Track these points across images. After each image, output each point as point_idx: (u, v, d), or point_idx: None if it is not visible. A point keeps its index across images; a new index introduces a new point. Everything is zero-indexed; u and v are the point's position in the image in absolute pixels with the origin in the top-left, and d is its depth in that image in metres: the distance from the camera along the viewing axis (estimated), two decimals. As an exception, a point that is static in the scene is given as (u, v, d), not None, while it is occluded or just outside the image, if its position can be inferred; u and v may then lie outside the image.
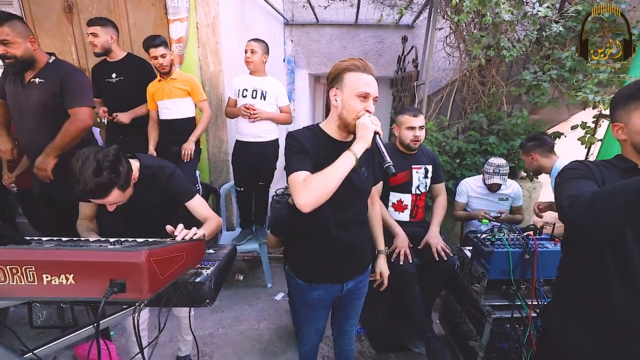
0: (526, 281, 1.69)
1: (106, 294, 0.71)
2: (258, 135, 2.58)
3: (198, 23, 2.79)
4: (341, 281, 1.38)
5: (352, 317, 1.58)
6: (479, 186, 2.58)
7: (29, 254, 0.74)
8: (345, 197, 1.23)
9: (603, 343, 0.98)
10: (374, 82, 1.18)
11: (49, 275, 0.73)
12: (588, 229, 0.84)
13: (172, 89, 2.44)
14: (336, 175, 1.10)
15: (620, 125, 0.96)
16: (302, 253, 1.39)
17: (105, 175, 1.15)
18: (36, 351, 0.85)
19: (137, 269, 0.73)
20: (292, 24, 4.79)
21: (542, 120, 3.20)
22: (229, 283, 2.92)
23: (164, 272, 0.81)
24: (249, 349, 2.20)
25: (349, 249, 1.33)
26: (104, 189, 1.17)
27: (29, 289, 0.74)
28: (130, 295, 0.74)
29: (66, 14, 2.87)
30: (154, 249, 0.77)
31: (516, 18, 2.77)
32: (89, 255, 0.74)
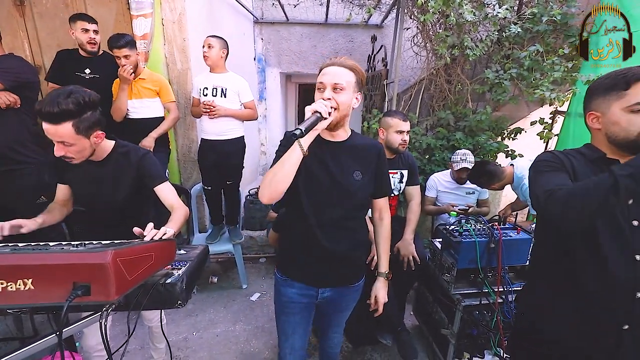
0: (492, 269, 1.78)
1: (69, 297, 0.68)
2: (221, 133, 2.55)
3: (163, 19, 2.70)
4: (316, 285, 1.32)
5: (335, 326, 1.52)
6: (447, 181, 2.70)
7: (-21, 259, 0.69)
8: (327, 196, 1.21)
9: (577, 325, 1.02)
10: (331, 71, 1.15)
11: (4, 281, 0.69)
12: (564, 224, 0.89)
13: (140, 88, 2.38)
14: (282, 167, 1.11)
15: (597, 115, 0.97)
16: (283, 244, 1.40)
17: (68, 103, 1.12)
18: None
19: (103, 270, 0.70)
20: (261, 22, 4.75)
21: (504, 117, 3.36)
22: (203, 286, 2.85)
23: (132, 273, 0.78)
24: (225, 351, 2.16)
25: (328, 254, 1.25)
26: (60, 113, 1.12)
27: (-18, 297, 0.69)
28: (96, 297, 0.71)
29: (17, 7, 2.68)
30: (121, 249, 0.74)
31: (478, 19, 2.90)
32: (48, 258, 0.70)
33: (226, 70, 2.57)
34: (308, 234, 1.25)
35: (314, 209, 1.22)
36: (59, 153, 1.20)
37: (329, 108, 1.09)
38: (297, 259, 1.32)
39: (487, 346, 1.90)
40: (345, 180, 1.22)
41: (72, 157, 1.24)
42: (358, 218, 1.32)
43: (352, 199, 1.24)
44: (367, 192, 1.29)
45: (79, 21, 2.26)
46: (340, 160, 1.23)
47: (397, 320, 1.99)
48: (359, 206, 1.30)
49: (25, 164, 1.87)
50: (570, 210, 0.86)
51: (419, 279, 2.23)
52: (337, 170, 1.22)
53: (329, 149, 1.23)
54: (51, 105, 1.10)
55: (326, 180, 1.21)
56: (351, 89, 1.16)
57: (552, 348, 1.09)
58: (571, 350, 1.06)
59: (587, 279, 0.98)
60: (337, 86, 1.13)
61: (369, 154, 1.28)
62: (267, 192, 1.14)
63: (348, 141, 1.26)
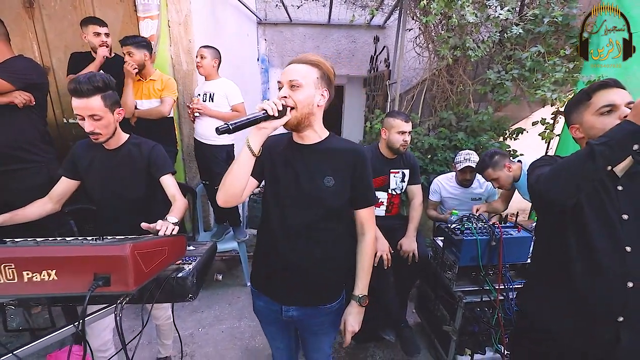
0: (493, 267, 1.81)
1: (91, 287, 0.72)
2: (205, 137, 2.65)
3: (169, 21, 2.74)
4: (279, 302, 1.21)
5: (314, 351, 1.34)
6: (451, 185, 2.58)
7: (7, 251, 0.73)
8: (292, 201, 1.13)
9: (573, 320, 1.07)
10: (289, 68, 1.08)
11: (30, 272, 0.73)
12: (552, 195, 0.98)
13: (149, 89, 2.44)
14: (231, 169, 1.06)
15: (577, 126, 1.12)
16: (255, 252, 1.31)
17: (98, 80, 1.31)
18: (16, 352, 0.84)
19: (122, 261, 0.74)
20: (265, 23, 4.80)
21: (506, 117, 3.39)
22: (208, 283, 2.89)
23: (148, 265, 0.82)
24: (231, 347, 2.21)
25: (292, 267, 1.15)
26: (91, 88, 1.30)
27: (9, 287, 0.73)
28: (116, 288, 0.75)
29: (26, 9, 2.73)
30: (138, 243, 0.78)
31: (480, 20, 2.93)
32: (71, 251, 0.74)
33: (218, 76, 2.66)
34: (271, 244, 1.18)
35: (278, 215, 1.14)
36: (89, 129, 1.34)
37: (278, 106, 1.00)
38: (261, 269, 1.25)
39: (488, 343, 1.94)
40: (313, 186, 1.12)
41: (100, 133, 1.37)
42: (330, 230, 1.16)
43: (320, 207, 1.12)
44: (340, 199, 1.15)
45: (91, 25, 2.32)
46: (309, 164, 1.13)
47: (399, 316, 2.02)
48: (331, 215, 1.15)
49: (35, 162, 1.92)
50: (555, 183, 0.97)
51: (420, 276, 2.27)
52: (305, 175, 1.13)
53: (299, 152, 1.15)
54: (84, 83, 1.28)
55: (292, 184, 1.13)
56: (312, 86, 1.06)
57: (550, 346, 1.13)
58: (568, 348, 1.09)
59: (579, 272, 1.02)
60: (293, 83, 1.05)
61: (345, 159, 1.14)
62: (221, 194, 1.10)
63: (322, 144, 1.16)
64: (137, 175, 1.50)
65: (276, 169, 1.16)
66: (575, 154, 0.96)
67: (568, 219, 1.06)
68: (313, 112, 1.10)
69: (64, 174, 1.50)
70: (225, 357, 2.13)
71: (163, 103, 2.46)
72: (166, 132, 2.55)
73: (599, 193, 1.02)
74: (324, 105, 1.14)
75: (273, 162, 1.16)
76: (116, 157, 1.48)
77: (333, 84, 1.14)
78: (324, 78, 1.10)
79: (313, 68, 1.08)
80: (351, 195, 1.17)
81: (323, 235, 1.16)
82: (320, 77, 1.09)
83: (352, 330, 1.20)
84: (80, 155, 1.48)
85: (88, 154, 1.47)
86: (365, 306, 1.23)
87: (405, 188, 2.21)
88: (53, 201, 1.48)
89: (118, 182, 1.49)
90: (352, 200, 1.18)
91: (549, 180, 0.98)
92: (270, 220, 1.17)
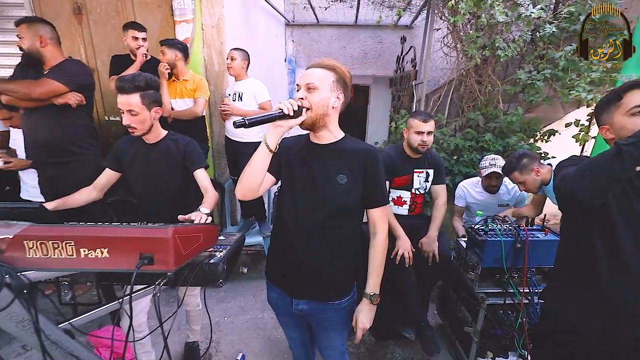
0: (518, 269, 1.78)
1: (138, 264, 0.81)
2: (236, 134, 2.79)
3: (203, 24, 2.88)
4: (290, 295, 1.27)
5: (325, 348, 1.38)
6: (477, 191, 2.50)
7: (68, 230, 0.83)
8: (306, 199, 1.18)
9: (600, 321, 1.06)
10: (307, 72, 1.16)
11: (86, 249, 0.83)
12: (578, 196, 0.99)
13: (183, 89, 2.59)
14: (249, 165, 1.14)
15: (607, 127, 1.11)
16: (270, 248, 1.37)
17: (140, 80, 1.45)
18: (72, 321, 0.95)
19: (165, 243, 0.82)
20: (293, 24, 4.89)
21: (537, 118, 3.29)
22: (233, 275, 3.01)
23: (186, 249, 0.90)
24: (254, 336, 2.30)
25: (302, 262, 1.20)
26: (132, 86, 1.44)
27: (69, 262, 0.83)
28: (158, 267, 0.83)
29: (75, 15, 2.96)
30: (179, 227, 0.87)
31: (510, 19, 2.87)
32: (121, 232, 0.83)
33: (247, 77, 2.79)
34: (284, 240, 1.24)
35: (293, 213, 1.20)
36: (126, 122, 1.48)
37: (294, 106, 1.06)
38: (274, 263, 1.32)
39: (512, 347, 1.91)
40: (326, 183, 1.17)
41: (135, 127, 1.49)
42: (341, 228, 1.20)
43: (333, 204, 1.17)
44: (352, 198, 1.18)
45: (131, 30, 2.50)
46: (324, 163, 1.19)
47: (420, 315, 2.03)
48: (343, 213, 1.19)
49: (85, 155, 2.10)
50: (581, 182, 0.97)
51: (443, 277, 2.26)
52: (320, 173, 1.18)
53: (315, 152, 1.21)
54: (127, 81, 1.43)
55: (307, 184, 1.19)
56: (327, 88, 1.13)
57: (577, 347, 1.12)
58: (594, 350, 1.08)
59: (605, 272, 1.02)
60: (310, 86, 1.12)
61: (358, 159, 1.19)
62: (239, 188, 1.18)
63: (337, 144, 1.22)
64: (174, 168, 1.62)
65: (293, 168, 1.22)
66: (602, 153, 0.96)
67: (594, 219, 1.05)
68: (328, 114, 1.16)
69: (107, 166, 1.64)
70: (249, 345, 2.22)
71: (196, 104, 2.60)
72: (198, 130, 2.68)
73: (627, 194, 1.00)
74: (339, 107, 1.19)
75: (290, 162, 1.23)
76: (155, 151, 1.60)
77: (349, 87, 1.20)
78: (340, 82, 1.16)
79: (329, 72, 1.14)
80: (363, 194, 1.21)
81: (333, 233, 1.20)
82: (335, 80, 1.15)
83: (363, 327, 1.24)
84: (124, 150, 1.61)
85: (131, 148, 1.61)
86: (376, 304, 1.25)
87: (429, 188, 2.21)
88: (97, 190, 1.63)
89: (157, 175, 1.61)
90: (364, 199, 1.22)
91: (575, 180, 0.99)
92: (284, 219, 1.23)
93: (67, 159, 2.05)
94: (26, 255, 0.84)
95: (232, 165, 2.97)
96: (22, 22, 1.92)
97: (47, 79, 1.89)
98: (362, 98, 6.29)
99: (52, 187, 2.07)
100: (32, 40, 1.92)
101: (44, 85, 1.88)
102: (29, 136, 2.05)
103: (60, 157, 2.04)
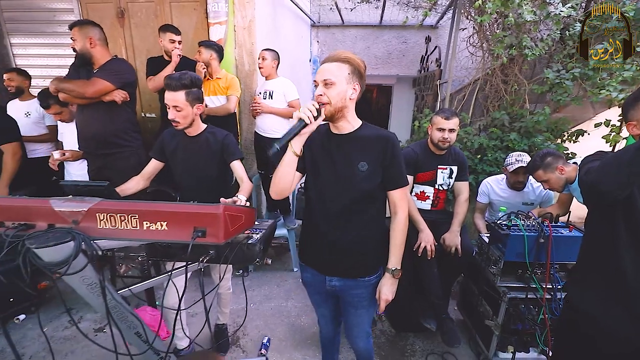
0: (541, 265, 1.80)
1: (193, 236, 0.92)
2: (265, 130, 2.94)
3: (235, 26, 3.04)
4: (323, 272, 1.38)
5: (354, 327, 1.48)
6: (501, 188, 2.48)
7: (133, 205, 0.96)
8: (331, 187, 1.28)
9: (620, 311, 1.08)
10: (322, 68, 1.21)
11: (149, 222, 0.95)
12: (602, 187, 1.03)
13: (216, 87, 2.76)
14: (278, 169, 1.25)
15: (634, 123, 1.14)
16: (302, 232, 1.49)
17: (186, 78, 1.58)
18: (131, 287, 1.08)
19: (216, 218, 0.94)
20: (318, 25, 5.00)
21: (565, 119, 3.24)
22: (258, 266, 3.14)
23: (232, 225, 1.01)
24: (279, 323, 2.41)
25: (332, 244, 1.31)
26: (179, 84, 1.58)
27: (133, 233, 0.96)
28: (210, 239, 0.95)
29: (118, 19, 3.19)
30: (227, 206, 0.98)
31: (539, 18, 2.85)
32: (179, 207, 0.96)
33: (277, 76, 2.93)
34: (314, 225, 1.35)
35: (319, 200, 1.30)
36: (170, 117, 1.62)
37: (313, 112, 1.14)
38: (307, 246, 1.44)
39: (533, 343, 1.92)
40: (348, 171, 1.25)
41: (179, 122, 1.63)
42: (365, 211, 1.30)
43: (355, 190, 1.25)
44: (373, 183, 1.26)
45: (168, 32, 2.67)
46: (345, 152, 1.26)
47: (441, 307, 2.07)
48: (365, 198, 1.27)
49: (129, 147, 2.29)
50: (605, 175, 1.01)
51: (464, 271, 2.29)
52: (341, 162, 1.26)
53: (335, 142, 1.29)
54: (174, 79, 1.57)
55: (330, 172, 1.28)
56: (343, 82, 1.18)
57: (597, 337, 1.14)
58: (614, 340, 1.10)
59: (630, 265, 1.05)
60: (327, 81, 1.17)
61: (376, 145, 1.26)
62: (273, 189, 1.31)
63: (355, 133, 1.28)
64: (212, 159, 1.76)
65: (316, 160, 1.31)
66: (627, 147, 0.99)
67: (619, 212, 1.07)
68: (346, 105, 1.22)
69: (153, 156, 1.80)
70: (274, 331, 2.34)
71: (229, 101, 2.75)
72: (230, 126, 2.83)
73: None
74: (356, 97, 1.25)
75: (313, 154, 1.31)
76: (195, 143, 1.75)
77: (364, 76, 1.25)
78: (355, 73, 1.21)
79: (344, 64, 1.19)
80: (383, 177, 1.27)
81: (358, 216, 1.29)
82: (351, 72, 1.20)
83: (386, 298, 1.33)
84: (167, 141, 1.77)
85: (173, 140, 1.76)
86: (397, 278, 1.34)
87: (453, 184, 2.25)
88: (144, 179, 1.78)
89: (196, 165, 1.75)
90: (385, 182, 1.29)
91: (600, 172, 1.02)
92: (313, 206, 1.34)
93: (114, 150, 2.24)
94: (97, 226, 0.98)
95: (261, 160, 3.11)
96: (74, 25, 2.11)
97: (97, 78, 2.08)
98: (385, 98, 6.32)
99: (100, 175, 2.26)
100: (83, 41, 2.11)
101: (95, 85, 2.07)
102: (81, 130, 2.25)
103: (108, 149, 2.23)
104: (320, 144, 1.31)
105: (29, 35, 3.45)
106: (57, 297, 2.57)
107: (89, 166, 2.36)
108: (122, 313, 1.16)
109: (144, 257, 1.26)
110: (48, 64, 3.50)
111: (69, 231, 0.93)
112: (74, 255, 0.90)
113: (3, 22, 3.41)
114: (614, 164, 1.00)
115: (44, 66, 3.50)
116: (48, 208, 0.96)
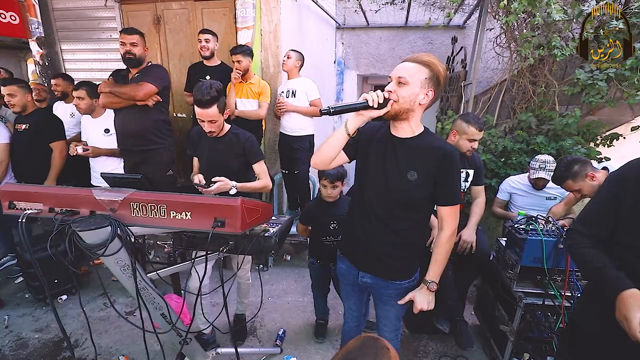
0: (561, 272, 1.76)
1: (213, 225, 1.02)
2: (291, 130, 3.09)
3: (262, 30, 3.16)
4: (357, 267, 1.43)
5: (381, 319, 1.51)
6: (523, 183, 2.52)
7: (162, 196, 1.08)
8: (377, 190, 1.27)
9: None
10: (401, 65, 1.17)
11: (175, 211, 1.06)
12: None
13: (249, 90, 2.93)
14: (327, 141, 1.24)
15: None
16: (344, 225, 1.55)
17: (213, 92, 1.66)
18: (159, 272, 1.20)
19: (235, 210, 1.03)
20: (343, 27, 5.06)
21: (597, 121, 3.09)
22: (277, 262, 3.25)
23: (250, 217, 1.10)
24: (295, 317, 2.50)
25: (368, 244, 1.34)
26: (210, 100, 1.65)
27: (162, 221, 1.08)
28: (228, 229, 1.04)
29: (155, 25, 3.41)
30: (245, 199, 1.07)
31: (570, 17, 2.75)
32: (202, 199, 1.06)
33: (299, 76, 3.07)
34: (356, 220, 1.37)
35: (363, 199, 1.32)
36: (207, 129, 1.74)
37: (380, 99, 1.10)
38: (347, 239, 1.49)
39: (550, 352, 1.88)
40: (395, 177, 1.22)
41: (215, 131, 1.77)
42: (407, 220, 1.27)
43: (400, 198, 1.23)
44: (420, 194, 1.22)
45: (201, 34, 2.87)
46: (398, 157, 1.23)
47: (456, 309, 2.07)
48: (408, 206, 1.25)
49: (163, 144, 2.48)
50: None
51: (481, 274, 2.27)
52: (392, 167, 1.23)
53: (391, 143, 1.25)
54: (204, 95, 1.64)
55: (378, 172, 1.26)
56: (417, 85, 1.13)
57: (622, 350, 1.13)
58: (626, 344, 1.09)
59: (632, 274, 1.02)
60: (401, 80, 1.14)
61: (432, 156, 1.20)
62: (315, 157, 1.31)
63: (414, 139, 1.23)
64: (234, 158, 1.88)
65: (368, 157, 1.30)
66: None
67: None
68: (413, 109, 1.18)
69: (191, 154, 1.98)
70: (290, 324, 2.43)
71: (261, 107, 2.93)
72: (255, 128, 2.97)
73: None
74: (427, 104, 1.19)
75: (367, 150, 1.30)
76: (220, 143, 1.88)
77: (442, 85, 1.19)
78: (433, 79, 1.15)
79: (424, 68, 1.14)
80: (434, 191, 1.22)
81: (399, 223, 1.27)
82: (429, 77, 1.14)
83: (420, 307, 1.30)
84: (196, 139, 1.93)
85: (200, 138, 1.90)
86: (433, 291, 1.30)
87: (469, 188, 2.24)
88: None
89: (220, 163, 1.87)
90: (436, 196, 1.24)
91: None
92: (356, 202, 1.38)
93: (149, 147, 2.43)
94: (131, 214, 1.10)
95: (286, 158, 3.22)
96: (135, 33, 2.29)
97: (145, 82, 2.26)
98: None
99: (136, 170, 2.45)
100: (143, 47, 2.31)
101: (144, 89, 2.26)
102: (120, 128, 2.45)
103: (144, 145, 2.42)
104: (376, 142, 1.29)
105: (76, 42, 3.76)
106: (93, 283, 2.80)
107: (125, 162, 2.56)
108: (150, 294, 1.28)
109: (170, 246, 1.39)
110: (92, 68, 3.80)
111: (107, 217, 1.05)
112: (111, 239, 1.02)
113: (55, 31, 3.74)
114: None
115: (89, 70, 3.81)
116: (90, 197, 1.09)
